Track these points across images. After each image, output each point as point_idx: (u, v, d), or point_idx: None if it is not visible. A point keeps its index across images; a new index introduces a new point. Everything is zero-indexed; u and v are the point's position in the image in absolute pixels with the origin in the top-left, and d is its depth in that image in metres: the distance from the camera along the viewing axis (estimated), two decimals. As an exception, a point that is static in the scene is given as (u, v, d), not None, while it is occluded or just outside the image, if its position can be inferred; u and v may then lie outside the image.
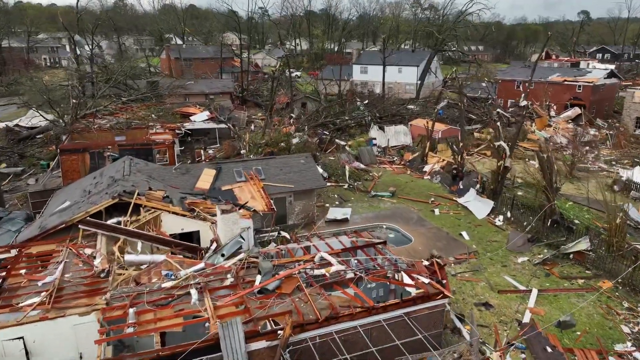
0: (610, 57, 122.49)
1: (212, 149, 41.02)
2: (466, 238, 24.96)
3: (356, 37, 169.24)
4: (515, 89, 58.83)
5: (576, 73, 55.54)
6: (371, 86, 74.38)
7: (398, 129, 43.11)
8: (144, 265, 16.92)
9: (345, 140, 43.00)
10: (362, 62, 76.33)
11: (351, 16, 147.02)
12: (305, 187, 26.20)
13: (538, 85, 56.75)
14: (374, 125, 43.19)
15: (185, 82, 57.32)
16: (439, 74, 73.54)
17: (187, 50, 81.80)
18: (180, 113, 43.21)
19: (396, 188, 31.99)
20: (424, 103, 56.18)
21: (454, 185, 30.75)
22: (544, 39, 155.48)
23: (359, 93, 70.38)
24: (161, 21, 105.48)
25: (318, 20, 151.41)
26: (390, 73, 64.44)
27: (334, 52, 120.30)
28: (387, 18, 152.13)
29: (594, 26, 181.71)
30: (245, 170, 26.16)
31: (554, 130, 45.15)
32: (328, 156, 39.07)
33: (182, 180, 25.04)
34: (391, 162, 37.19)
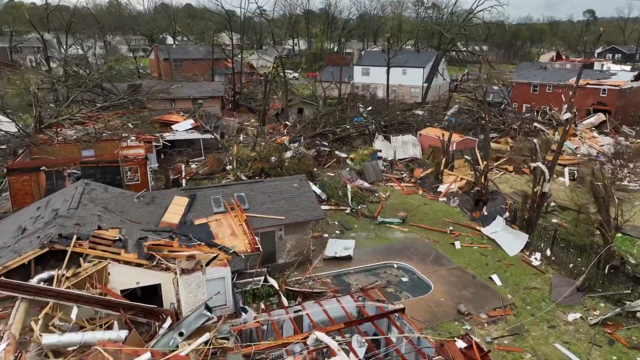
0: (622, 58, 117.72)
1: (197, 162, 36.20)
2: (498, 284, 20.14)
3: (356, 37, 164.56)
4: (531, 92, 54.03)
5: (599, 75, 50.74)
6: (373, 89, 69.54)
7: (406, 139, 38.29)
8: (71, 348, 12.15)
9: (347, 152, 38.19)
10: (363, 63, 71.53)
11: (351, 15, 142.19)
12: (298, 218, 21.38)
13: (556, 89, 51.94)
14: (379, 135, 38.36)
15: (171, 86, 52.47)
16: (446, 76, 68.72)
17: (177, 50, 76.99)
18: (160, 121, 38.36)
19: (407, 213, 27.17)
20: (431, 108, 51.36)
21: (477, 211, 25.92)
22: (550, 39, 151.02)
23: (361, 97, 65.63)
24: (153, 20, 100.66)
25: (317, 20, 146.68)
26: (394, 75, 59.66)
27: (333, 52, 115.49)
28: (389, 17, 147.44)
29: (599, 26, 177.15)
30: (226, 197, 21.34)
31: (581, 141, 40.33)
32: (327, 171, 34.26)
33: (146, 212, 20.22)
34: (399, 180, 32.34)
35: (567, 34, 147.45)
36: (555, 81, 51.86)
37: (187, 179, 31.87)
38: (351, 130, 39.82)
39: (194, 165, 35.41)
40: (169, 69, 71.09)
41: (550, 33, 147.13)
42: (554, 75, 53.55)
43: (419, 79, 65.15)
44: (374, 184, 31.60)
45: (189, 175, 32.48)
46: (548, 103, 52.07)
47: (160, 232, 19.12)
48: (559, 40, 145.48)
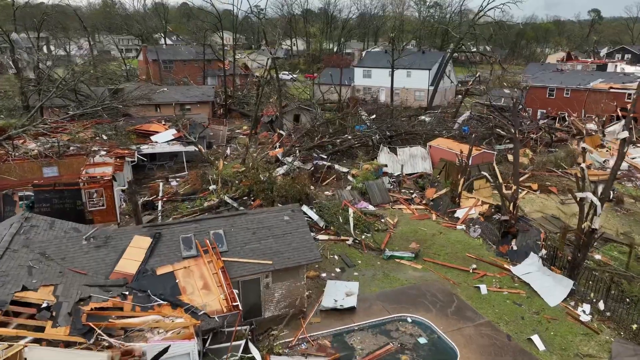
0: (632, 58, 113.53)
1: (178, 178, 32.00)
2: (541, 348, 15.95)
3: (357, 37, 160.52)
4: (547, 97, 49.86)
5: (624, 79, 46.56)
6: (375, 92, 65.40)
7: (414, 152, 34.11)
8: None
9: (348, 165, 34.02)
10: (365, 65, 67.35)
11: (351, 14, 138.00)
12: (289, 262, 17.19)
13: (576, 94, 47.80)
14: (384, 147, 34.16)
15: (156, 90, 48.26)
16: (454, 78, 64.57)
17: (167, 51, 72.75)
18: (138, 132, 34.14)
19: (420, 245, 22.99)
20: (439, 115, 47.19)
21: (504, 245, 21.72)
22: (557, 38, 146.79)
23: (362, 101, 61.46)
24: (143, 20, 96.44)
25: (316, 19, 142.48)
26: (397, 77, 55.56)
27: (333, 52, 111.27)
28: (389, 16, 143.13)
29: (604, 25, 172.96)
30: (199, 236, 17.16)
31: (609, 153, 36.14)
32: (325, 189, 30.08)
33: (97, 258, 16.02)
34: (409, 201, 28.11)
35: (574, 33, 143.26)
36: (574, 85, 47.72)
37: (164, 200, 27.66)
38: (353, 141, 35.61)
39: (174, 182, 31.19)
40: (158, 71, 66.82)
41: (556, 32, 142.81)
42: (572, 78, 49.42)
43: (425, 81, 60.98)
44: (379, 206, 27.39)
45: (167, 196, 28.28)
46: (566, 109, 47.97)
47: (110, 286, 14.95)
48: (565, 40, 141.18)
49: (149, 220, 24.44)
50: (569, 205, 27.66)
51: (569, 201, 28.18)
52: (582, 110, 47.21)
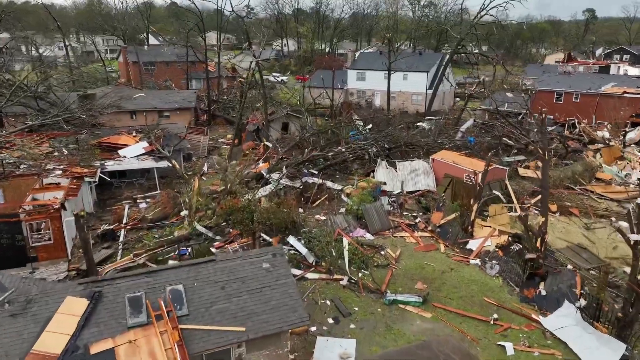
0: (631, 59, 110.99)
1: (149, 198, 28.10)
2: None
3: (349, 37, 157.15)
4: (554, 102, 46.46)
5: (638, 82, 43.26)
6: (370, 96, 61.77)
7: (415, 167, 30.46)
8: None
9: (342, 181, 30.31)
10: (358, 67, 63.63)
11: (344, 14, 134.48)
12: (267, 327, 13.42)
13: (586, 99, 44.46)
14: (381, 161, 30.46)
15: (133, 96, 44.27)
16: (452, 81, 61.08)
17: (149, 52, 68.56)
18: (104, 145, 30.16)
19: (427, 285, 19.34)
20: (438, 121, 43.64)
21: (530, 289, 18.08)
22: (554, 39, 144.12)
23: (356, 105, 57.79)
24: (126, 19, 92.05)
25: (307, 19, 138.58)
26: (393, 80, 51.92)
27: (325, 53, 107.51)
28: (382, 16, 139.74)
29: (599, 25, 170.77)
30: (153, 294, 13.36)
31: (630, 165, 32.72)
32: (316, 211, 26.34)
33: (11, 331, 12.16)
34: (412, 227, 24.41)
35: (571, 34, 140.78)
36: (584, 89, 44.37)
37: (128, 228, 23.76)
38: (347, 154, 31.88)
39: (143, 204, 27.28)
40: (138, 73, 62.68)
41: (552, 33, 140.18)
42: (581, 81, 46.10)
43: (422, 85, 57.43)
44: (378, 234, 23.68)
45: (132, 223, 24.37)
46: (575, 114, 44.60)
47: (23, 377, 11.11)
48: (562, 41, 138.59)
49: (104, 259, 20.53)
50: (595, 232, 24.15)
51: (594, 225, 24.68)
52: (593, 117, 43.89)
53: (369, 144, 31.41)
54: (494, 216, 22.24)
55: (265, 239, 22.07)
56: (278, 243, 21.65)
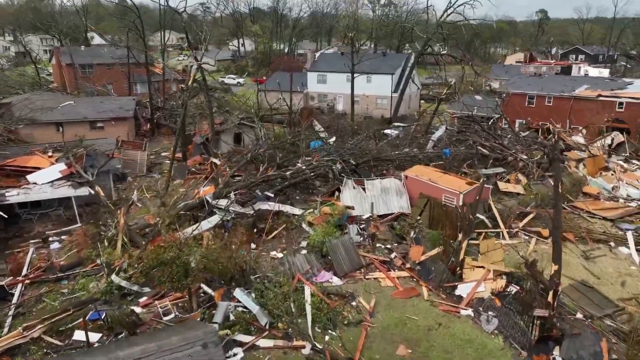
0: (586, 58, 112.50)
1: (64, 235, 22.76)
2: None
3: (309, 37, 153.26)
4: (526, 105, 43.91)
5: (612, 85, 41.23)
6: (332, 100, 57.75)
7: (387, 185, 26.50)
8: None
9: (303, 203, 25.97)
10: (319, 69, 59.46)
11: (303, 13, 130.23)
12: None
13: (559, 102, 42.07)
14: (347, 180, 26.32)
15: (60, 104, 38.28)
16: (418, 82, 58.00)
17: (87, 53, 61.75)
18: (8, 169, 24.48)
19: (412, 349, 15.31)
20: (408, 129, 40.15)
21: (541, 355, 14.30)
22: (513, 38, 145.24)
23: (317, 110, 53.62)
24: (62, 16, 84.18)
25: (265, 18, 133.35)
26: (356, 83, 48.14)
27: (283, 53, 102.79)
28: (342, 15, 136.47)
29: (551, 26, 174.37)
30: None
31: (616, 177, 30.05)
32: (272, 247, 21.88)
33: None
34: (387, 265, 20.33)
35: (528, 34, 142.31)
36: (557, 92, 41.96)
37: (27, 282, 18.47)
38: (308, 172, 27.51)
39: (55, 244, 21.95)
40: (72, 77, 56.01)
41: (510, 33, 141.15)
42: (553, 84, 43.76)
43: (387, 87, 53.94)
44: (348, 276, 19.47)
45: (35, 273, 19.08)
46: (549, 119, 42.17)
47: None
48: (520, 41, 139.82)
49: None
50: (597, 262, 20.91)
51: (593, 254, 21.46)
52: (567, 121, 41.57)
53: (333, 161, 27.16)
54: (485, 253, 18.52)
55: (206, 291, 17.43)
56: (221, 297, 17.08)
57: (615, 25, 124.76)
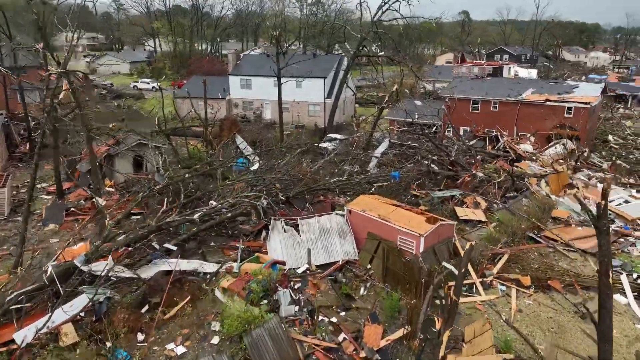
0: (510, 58, 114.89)
1: None
2: None
3: (234, 37, 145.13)
4: (470, 111, 40.31)
5: (559, 88, 38.57)
6: (259, 108, 51.38)
7: (326, 224, 20.81)
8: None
9: (217, 255, 19.62)
10: (242, 72, 52.75)
11: (227, 11, 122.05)
12: None
13: (505, 108, 38.83)
14: (276, 222, 20.30)
15: None
16: (353, 87, 53.22)
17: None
18: None
19: None
20: (344, 144, 34.87)
21: None
22: (441, 39, 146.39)
23: (242, 119, 47.08)
24: None
25: (186, 17, 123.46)
26: (286, 88, 42.32)
27: (203, 54, 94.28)
28: (268, 15, 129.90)
29: (474, 26, 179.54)
30: None
31: (583, 195, 26.52)
32: (170, 336, 15.32)
33: None
34: (333, 355, 14.51)
35: (455, 34, 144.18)
36: (503, 96, 38.69)
37: None
38: (224, 211, 21.08)
39: None
40: None
41: (438, 33, 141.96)
42: (498, 88, 40.55)
43: (320, 92, 48.56)
44: (279, 382, 13.42)
45: None
46: (495, 126, 38.83)
47: None
48: (448, 41, 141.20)
49: None
50: (595, 320, 16.51)
51: (588, 307, 17.08)
52: (515, 128, 38.42)
53: (257, 196, 20.91)
54: (472, 341, 13.36)
55: None
56: None
57: (533, 27, 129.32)
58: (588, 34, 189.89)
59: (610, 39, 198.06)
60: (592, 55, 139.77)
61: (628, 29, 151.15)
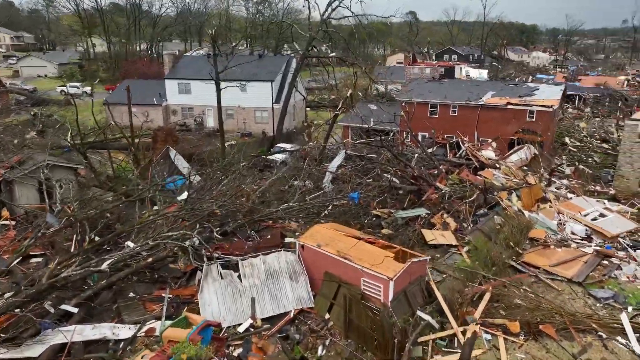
0: (458, 59, 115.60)
1: None
2: None
3: (178, 37, 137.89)
4: (428, 116, 37.77)
5: (519, 91, 36.69)
6: (200, 115, 46.73)
7: (273, 265, 17.03)
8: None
9: (135, 310, 15.35)
10: (180, 75, 47.77)
11: (166, 9, 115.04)
12: None
13: (465, 112, 36.55)
14: (211, 266, 16.28)
15: None
16: (303, 90, 49.66)
17: None
18: None
19: None
20: (295, 156, 31.20)
21: None
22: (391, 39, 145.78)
23: (182, 128, 42.43)
24: None
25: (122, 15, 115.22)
26: (230, 93, 38.17)
27: (142, 55, 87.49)
28: (212, 13, 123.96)
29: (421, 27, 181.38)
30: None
31: (557, 210, 24.21)
32: None
33: None
34: None
35: (405, 34, 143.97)
36: (462, 100, 36.38)
37: None
38: (144, 254, 16.74)
39: None
40: None
41: (388, 33, 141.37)
42: (456, 90, 38.25)
43: (267, 97, 44.59)
44: None
45: None
46: (455, 132, 36.46)
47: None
48: (398, 41, 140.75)
49: None
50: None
51: (587, 356, 14.34)
52: (475, 133, 36.21)
53: (185, 235, 16.72)
54: None
55: None
56: None
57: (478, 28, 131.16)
58: (527, 35, 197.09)
59: (546, 39, 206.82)
60: (534, 55, 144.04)
61: (567, 30, 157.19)
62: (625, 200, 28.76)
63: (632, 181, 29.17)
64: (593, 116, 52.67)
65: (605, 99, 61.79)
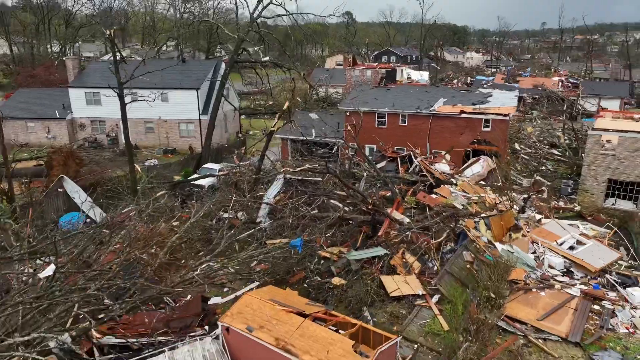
0: (397, 60, 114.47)
1: None
2: None
3: (99, 38, 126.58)
4: (376, 126, 33.92)
5: (472, 97, 33.70)
6: (113, 129, 40.09)
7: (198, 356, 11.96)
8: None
9: None
10: (88, 84, 40.65)
11: (80, 6, 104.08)
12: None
13: (415, 121, 33.07)
14: None
15: None
16: (235, 100, 44.31)
17: None
18: None
19: None
20: (225, 179, 26.07)
21: None
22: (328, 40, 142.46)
23: (92, 144, 35.94)
24: None
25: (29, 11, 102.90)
26: (148, 103, 32.22)
27: (51, 57, 77.54)
28: (136, 13, 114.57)
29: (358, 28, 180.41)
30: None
31: (531, 239, 20.97)
32: None
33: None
34: None
35: (342, 35, 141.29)
36: (412, 109, 32.87)
37: None
38: None
39: None
40: None
41: (324, 34, 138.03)
42: (405, 98, 34.72)
43: (193, 108, 38.86)
44: None
45: None
46: (405, 144, 32.97)
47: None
48: (337, 42, 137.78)
49: None
50: None
51: None
52: (427, 145, 32.87)
53: (55, 328, 11.26)
54: None
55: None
56: None
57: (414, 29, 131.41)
58: (459, 36, 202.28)
59: (475, 40, 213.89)
60: (468, 55, 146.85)
61: (499, 32, 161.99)
62: (591, 217, 26.53)
63: (597, 196, 26.89)
64: (540, 118, 51.61)
65: (543, 100, 61.59)
